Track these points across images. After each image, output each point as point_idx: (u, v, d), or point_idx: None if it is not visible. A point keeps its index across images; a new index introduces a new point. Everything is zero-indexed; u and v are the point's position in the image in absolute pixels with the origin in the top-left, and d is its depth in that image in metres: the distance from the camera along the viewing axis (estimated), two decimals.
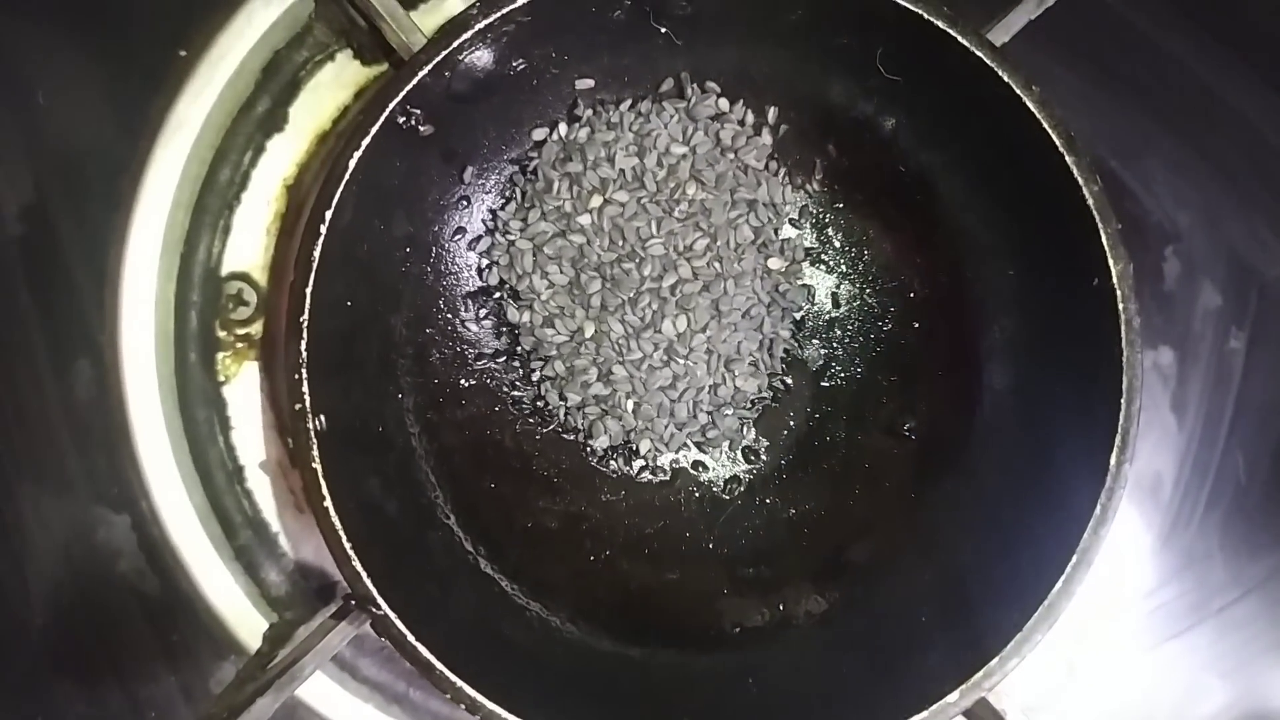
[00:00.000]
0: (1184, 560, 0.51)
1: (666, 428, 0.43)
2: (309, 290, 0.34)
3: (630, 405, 0.43)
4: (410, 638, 0.33)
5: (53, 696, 0.44)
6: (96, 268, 0.44)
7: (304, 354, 0.34)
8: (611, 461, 0.44)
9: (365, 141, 0.35)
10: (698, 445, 0.45)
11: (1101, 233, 0.36)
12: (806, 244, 0.45)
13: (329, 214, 0.34)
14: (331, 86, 0.46)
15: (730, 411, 0.44)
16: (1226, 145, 0.51)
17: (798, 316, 0.45)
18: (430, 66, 0.36)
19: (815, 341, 0.45)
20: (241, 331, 0.46)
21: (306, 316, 0.34)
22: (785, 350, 0.45)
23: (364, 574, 0.33)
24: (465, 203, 0.43)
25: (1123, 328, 0.35)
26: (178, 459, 0.44)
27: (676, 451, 0.44)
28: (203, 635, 0.44)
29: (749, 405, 0.45)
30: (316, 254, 0.34)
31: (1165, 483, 0.51)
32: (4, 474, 0.44)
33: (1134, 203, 0.51)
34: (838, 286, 0.46)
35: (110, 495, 0.44)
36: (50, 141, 0.45)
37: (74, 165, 0.45)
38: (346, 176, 0.35)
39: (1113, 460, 0.35)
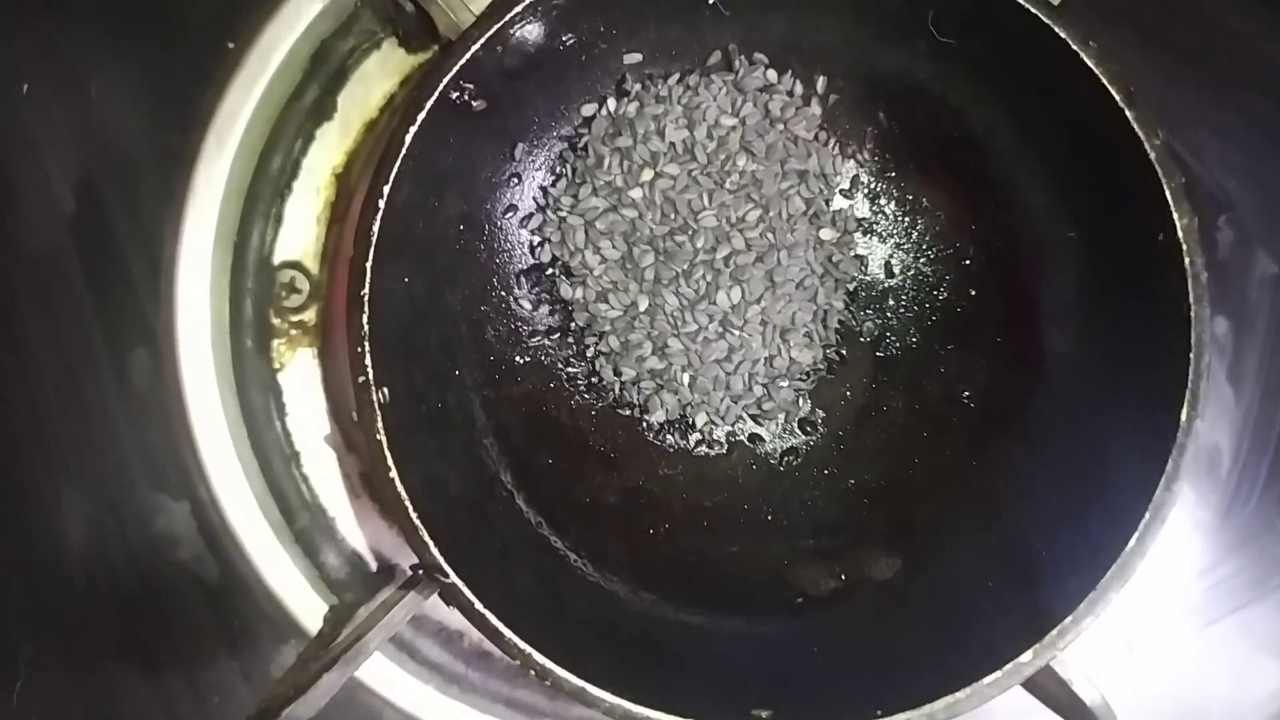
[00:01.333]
0: (1243, 536, 0.50)
1: (722, 400, 0.43)
2: (369, 265, 0.34)
3: (686, 379, 0.43)
4: (478, 604, 0.33)
5: (115, 682, 0.45)
6: (151, 258, 0.45)
7: (365, 327, 0.34)
8: (668, 435, 0.44)
9: (420, 116, 0.35)
10: (754, 418, 0.45)
11: (1165, 187, 0.35)
12: (859, 214, 0.45)
13: (387, 189, 0.35)
14: (378, 75, 0.46)
15: (786, 383, 0.44)
16: (1276, 111, 0.50)
17: (851, 287, 0.45)
18: (483, 40, 0.36)
19: (869, 311, 0.45)
20: (295, 319, 0.46)
21: (367, 290, 0.34)
22: (839, 321, 0.45)
23: (431, 543, 0.33)
24: (516, 180, 0.43)
25: (1190, 282, 0.35)
26: (236, 445, 0.45)
27: (733, 424, 0.44)
28: (263, 619, 0.45)
29: (805, 377, 0.45)
30: (375, 229, 0.35)
31: (1223, 457, 0.51)
32: (65, 463, 0.45)
33: (1185, 171, 0.50)
34: (891, 256, 0.45)
35: (169, 482, 0.45)
36: (103, 135, 0.46)
37: (127, 158, 0.45)
38: (404, 151, 0.35)
39: (1184, 415, 0.34)
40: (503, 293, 0.43)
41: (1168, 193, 0.35)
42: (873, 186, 0.45)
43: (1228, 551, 0.50)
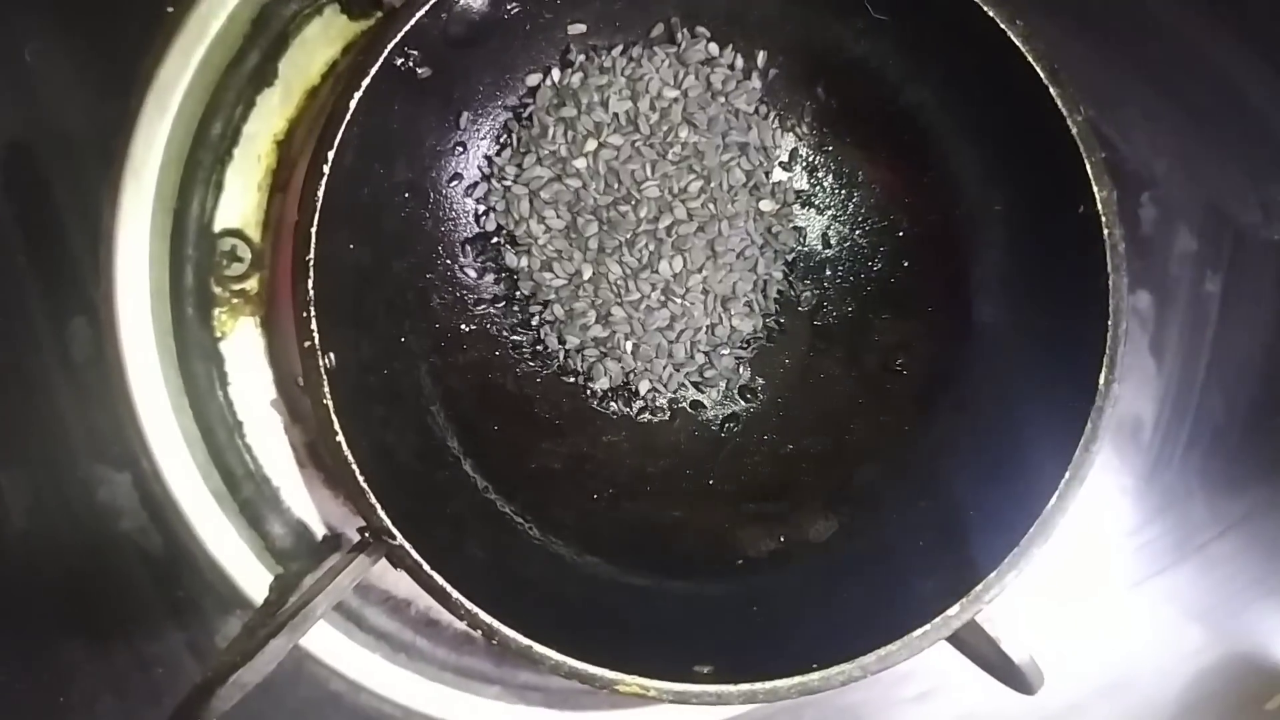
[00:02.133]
0: (1165, 500, 0.52)
1: (665, 368, 0.44)
2: (314, 230, 0.34)
3: (629, 346, 0.43)
4: (426, 566, 0.34)
5: (59, 657, 0.45)
6: (90, 225, 0.44)
7: (311, 293, 0.34)
8: (612, 403, 0.45)
9: (365, 82, 0.35)
10: (696, 385, 0.45)
11: (1086, 160, 0.36)
12: (797, 186, 0.46)
13: (331, 154, 0.35)
14: (320, 41, 0.46)
15: (727, 351, 0.45)
16: (1203, 94, 0.52)
17: (790, 258, 0.46)
18: (427, 7, 0.36)
19: (808, 282, 0.46)
20: (237, 287, 0.46)
21: (313, 256, 0.34)
22: (779, 290, 0.45)
23: (378, 505, 0.34)
24: (462, 149, 0.43)
25: (1108, 252, 0.36)
26: (177, 415, 0.44)
27: (675, 391, 0.45)
28: (208, 591, 0.45)
29: (745, 345, 0.45)
30: (320, 194, 0.35)
31: (1145, 425, 0.53)
32: (4, 434, 0.44)
33: (1111, 151, 0.52)
34: (828, 227, 0.46)
35: (111, 453, 0.44)
36: (39, 99, 0.45)
37: (63, 124, 0.45)
38: (348, 116, 0.35)
39: (1101, 379, 0.36)
40: (449, 261, 0.43)
41: (1088, 166, 0.36)
42: (811, 159, 0.46)
43: (1152, 515, 0.52)
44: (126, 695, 0.45)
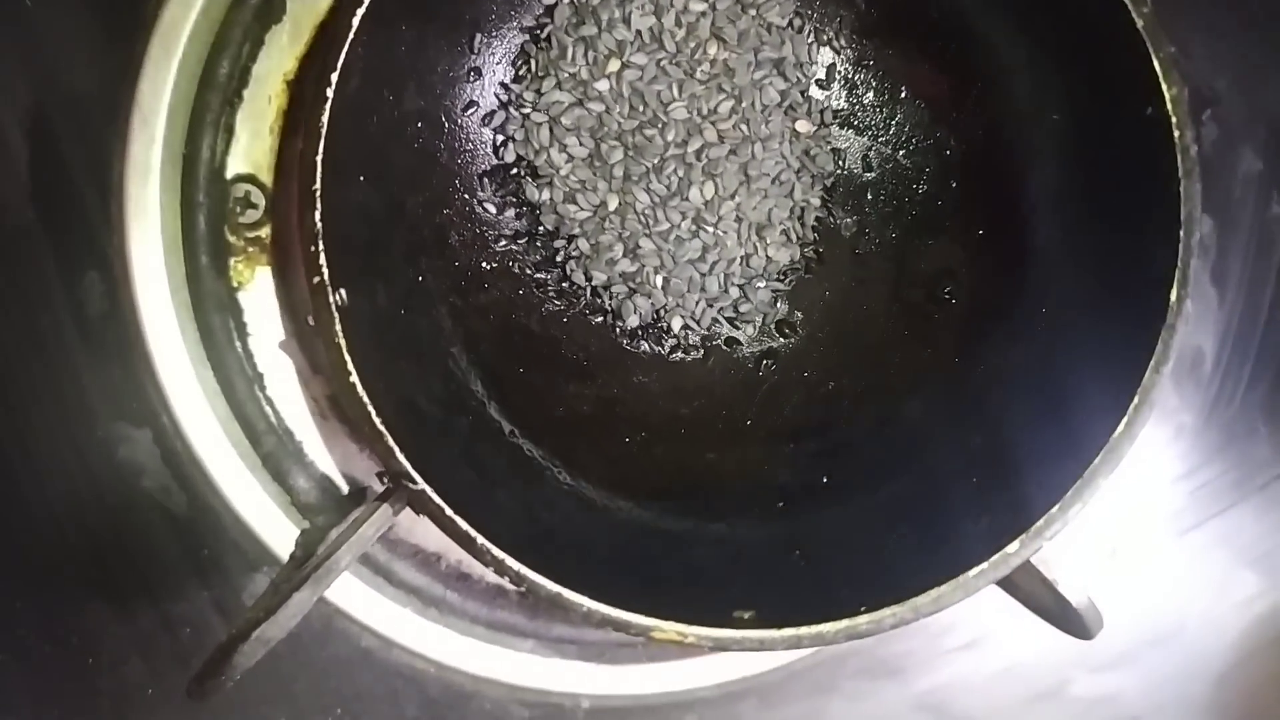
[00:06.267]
0: (1225, 439, 0.50)
1: (698, 303, 0.42)
2: (319, 159, 0.33)
3: (659, 281, 0.42)
4: (449, 510, 0.32)
5: (85, 618, 0.44)
6: (99, 177, 0.43)
7: (319, 225, 0.32)
8: (642, 342, 0.43)
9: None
10: (730, 321, 0.44)
11: (1154, 56, 0.34)
12: (835, 105, 0.44)
13: (334, 77, 0.33)
14: None
15: (763, 284, 0.43)
16: (1266, 5, 0.49)
17: (828, 182, 0.44)
18: None
19: (848, 207, 0.44)
20: (252, 235, 0.44)
21: (319, 186, 0.32)
22: (817, 218, 0.44)
23: (397, 449, 0.32)
24: (476, 74, 0.41)
25: (1179, 156, 0.34)
26: (196, 369, 0.43)
27: (709, 328, 0.43)
28: (233, 548, 0.44)
29: (782, 276, 0.44)
30: (325, 120, 0.33)
31: (1206, 359, 0.50)
32: (21, 395, 0.44)
33: None
34: (869, 149, 0.44)
35: (130, 410, 0.43)
36: (42, 49, 0.43)
37: (67, 72, 0.43)
38: (351, 37, 0.33)
39: (1174, 295, 0.34)
40: (466, 195, 0.42)
41: (1156, 63, 0.34)
42: (850, 75, 0.44)
43: (1210, 455, 0.50)
44: (153, 657, 0.44)
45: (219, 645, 0.31)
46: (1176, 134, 0.34)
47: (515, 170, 0.42)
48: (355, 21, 0.33)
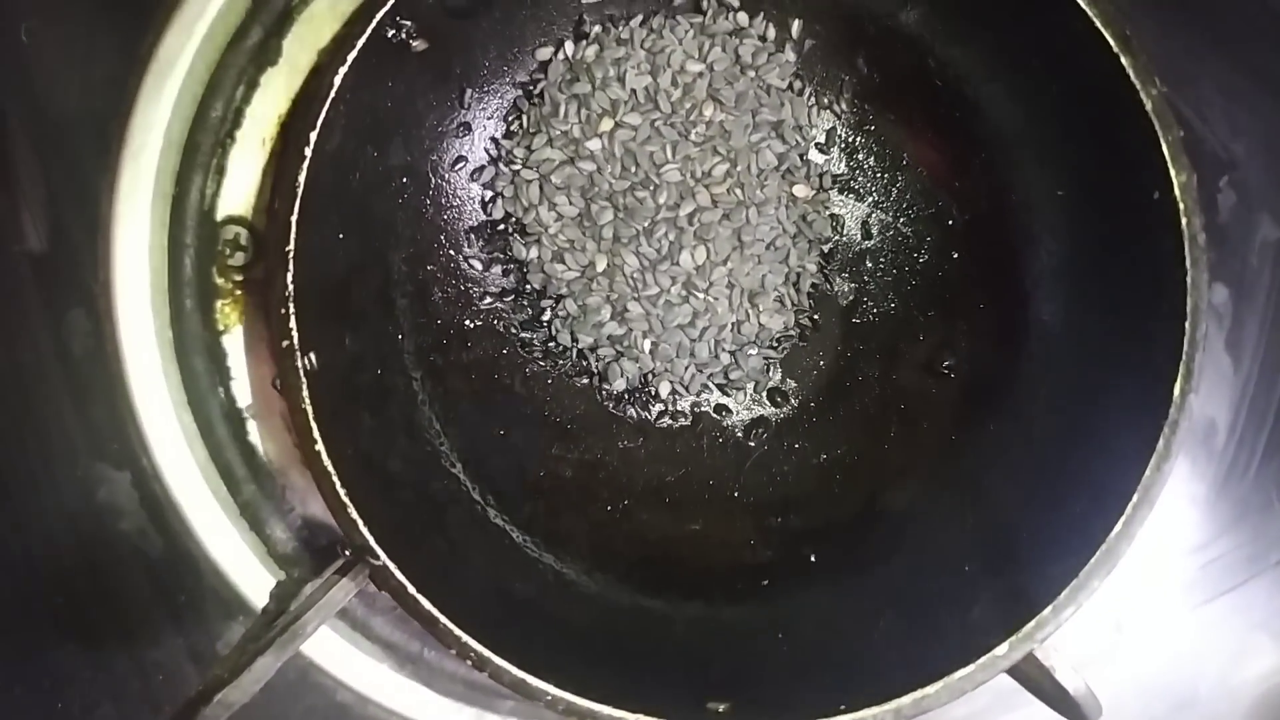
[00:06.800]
0: (1239, 511, 0.49)
1: (686, 369, 0.41)
2: (294, 219, 0.32)
3: (647, 345, 0.41)
4: (411, 589, 0.31)
5: (59, 662, 0.44)
6: (88, 212, 0.42)
7: (290, 286, 0.32)
8: (628, 406, 0.42)
9: (351, 56, 0.32)
10: (720, 387, 0.43)
11: (1162, 140, 0.33)
12: (835, 170, 0.43)
13: (314, 135, 0.32)
14: (326, 17, 0.43)
15: (755, 351, 0.42)
16: None
17: (826, 249, 0.43)
18: None
19: (845, 275, 0.43)
20: (239, 278, 0.44)
21: (293, 247, 0.32)
22: (813, 284, 0.43)
23: (360, 521, 0.31)
24: (465, 129, 0.41)
25: (1186, 244, 0.33)
26: (178, 412, 0.42)
27: (697, 394, 0.42)
28: (209, 595, 0.43)
29: (775, 344, 0.43)
30: (301, 179, 0.32)
31: (1220, 429, 0.49)
32: (1, 433, 0.43)
33: (1186, 129, 0.48)
34: (869, 215, 0.43)
35: (110, 451, 0.43)
36: (36, 80, 0.43)
37: (61, 105, 0.43)
38: (332, 94, 0.32)
39: (1176, 389, 0.32)
40: (451, 251, 0.41)
41: (1165, 147, 0.33)
42: (850, 140, 0.43)
43: (1223, 528, 0.49)
44: (125, 703, 0.44)
45: (185, 702, 0.31)
46: (1184, 220, 0.32)
47: (503, 227, 0.42)
48: (337, 80, 0.32)
